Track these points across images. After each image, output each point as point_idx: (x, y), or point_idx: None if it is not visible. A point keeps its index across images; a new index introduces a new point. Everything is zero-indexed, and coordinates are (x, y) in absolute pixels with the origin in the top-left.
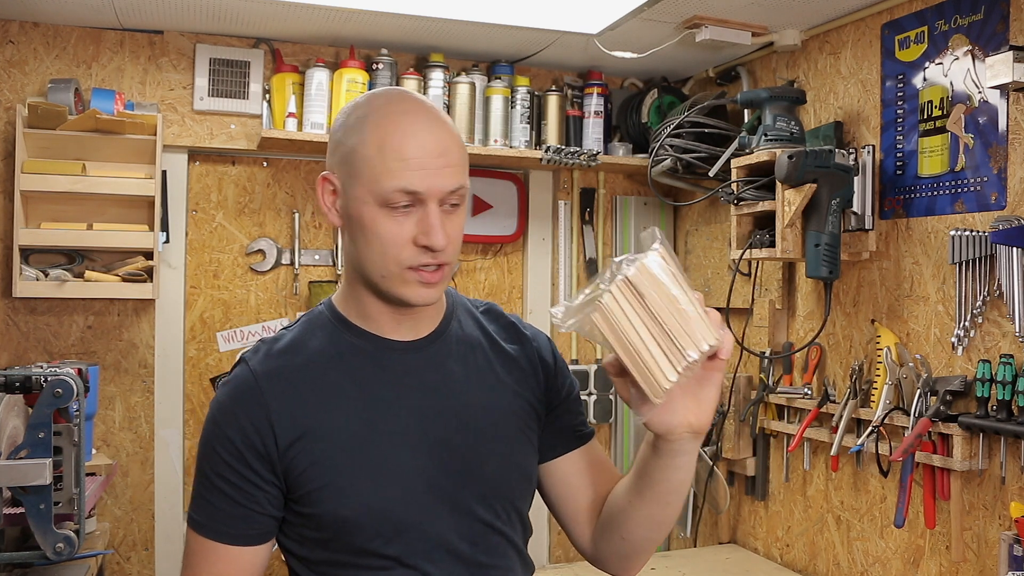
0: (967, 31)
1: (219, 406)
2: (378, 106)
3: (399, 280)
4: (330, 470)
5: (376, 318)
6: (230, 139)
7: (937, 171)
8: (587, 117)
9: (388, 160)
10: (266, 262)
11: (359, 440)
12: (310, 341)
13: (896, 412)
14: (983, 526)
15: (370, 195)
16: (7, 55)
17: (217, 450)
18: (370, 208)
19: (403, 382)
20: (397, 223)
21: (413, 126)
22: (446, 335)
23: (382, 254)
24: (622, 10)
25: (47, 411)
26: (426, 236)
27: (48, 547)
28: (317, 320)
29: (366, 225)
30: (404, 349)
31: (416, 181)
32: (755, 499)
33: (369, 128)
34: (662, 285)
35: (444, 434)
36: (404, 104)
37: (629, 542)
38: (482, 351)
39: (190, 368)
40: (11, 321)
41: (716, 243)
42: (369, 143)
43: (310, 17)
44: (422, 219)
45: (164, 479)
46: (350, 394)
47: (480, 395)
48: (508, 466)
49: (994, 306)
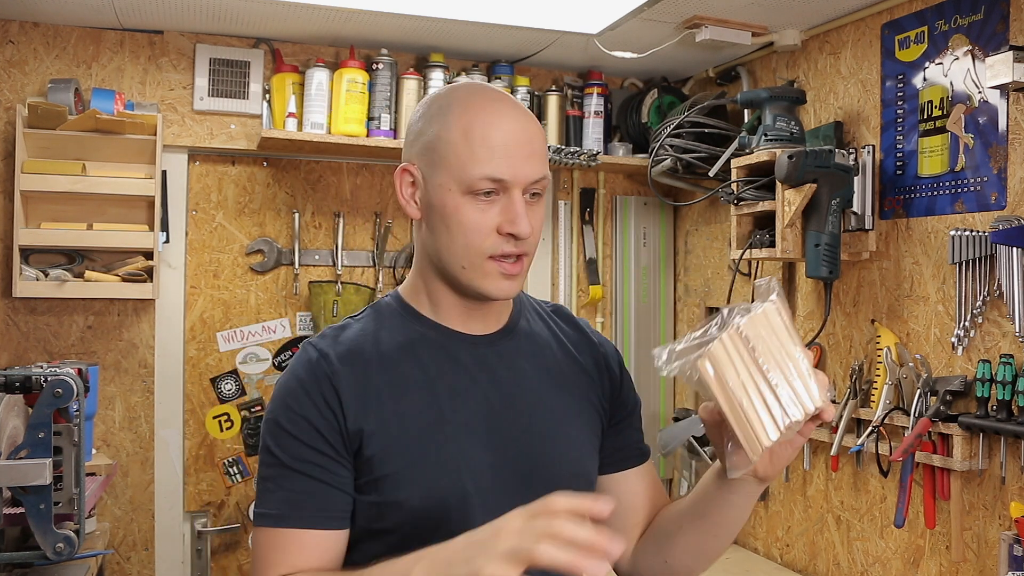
0: (967, 31)
1: (287, 391)
2: (461, 95)
3: (480, 271)
4: (399, 458)
5: (448, 311)
6: (230, 139)
7: (937, 171)
8: (587, 117)
9: (474, 146)
10: (266, 262)
11: (429, 431)
12: (379, 330)
13: (896, 412)
14: (983, 526)
15: (454, 182)
16: (7, 55)
17: (293, 433)
18: (454, 196)
19: (473, 375)
20: (481, 211)
21: (498, 114)
22: (516, 331)
23: (465, 243)
24: (622, 10)
25: (47, 411)
26: (511, 224)
27: (48, 547)
28: (385, 310)
29: (449, 213)
30: (475, 342)
31: (503, 168)
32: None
33: (453, 116)
34: (774, 339)
35: (513, 431)
36: (488, 93)
37: (671, 567)
38: (551, 351)
39: (190, 368)
40: (11, 321)
41: (716, 243)
42: (453, 129)
43: (310, 17)
44: (507, 207)
45: (164, 479)
46: (421, 384)
47: (549, 395)
48: (575, 471)
49: (994, 306)
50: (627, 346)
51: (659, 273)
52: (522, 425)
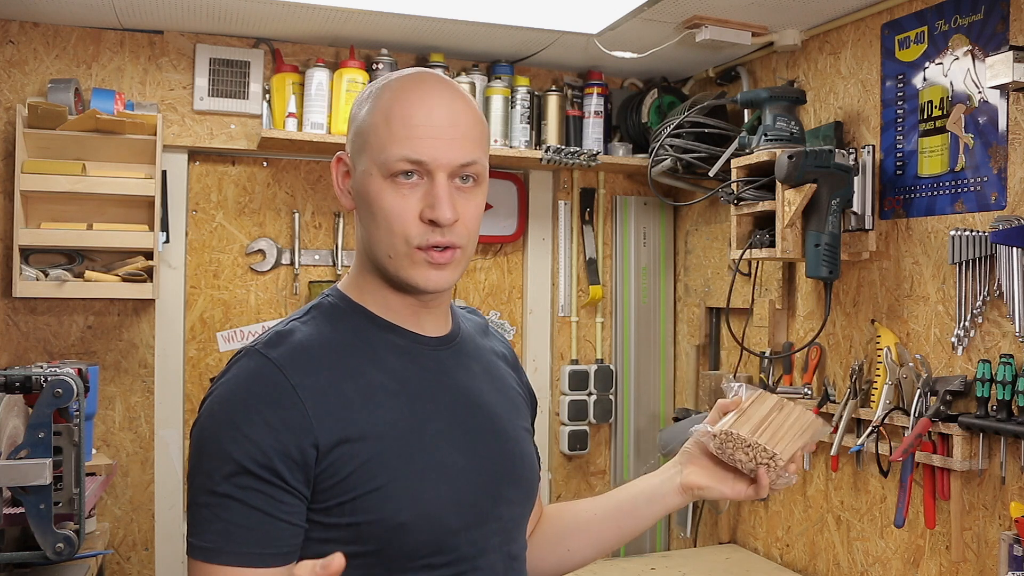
0: (967, 31)
1: (232, 403)
2: (393, 80)
3: (407, 261)
4: (382, 473)
5: (398, 310)
6: (230, 139)
7: (937, 171)
8: (587, 117)
9: (393, 127)
10: (266, 262)
11: (408, 440)
12: (333, 333)
13: (896, 412)
14: (983, 526)
15: (375, 166)
16: (7, 55)
17: (234, 455)
18: (376, 181)
19: (439, 380)
20: (402, 196)
21: (424, 96)
22: (461, 334)
23: (388, 231)
24: (622, 10)
25: (47, 411)
26: (431, 209)
27: (48, 547)
28: (332, 311)
29: (372, 199)
30: (434, 345)
31: (421, 149)
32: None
33: (381, 100)
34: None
35: (479, 434)
36: (420, 76)
37: (572, 555)
38: (486, 353)
39: (190, 368)
40: (11, 321)
41: (716, 243)
42: (377, 112)
43: (310, 17)
44: (428, 192)
45: (164, 479)
46: (391, 391)
47: (495, 396)
48: (532, 466)
49: (994, 306)
50: (627, 346)
51: (659, 273)
52: (487, 427)
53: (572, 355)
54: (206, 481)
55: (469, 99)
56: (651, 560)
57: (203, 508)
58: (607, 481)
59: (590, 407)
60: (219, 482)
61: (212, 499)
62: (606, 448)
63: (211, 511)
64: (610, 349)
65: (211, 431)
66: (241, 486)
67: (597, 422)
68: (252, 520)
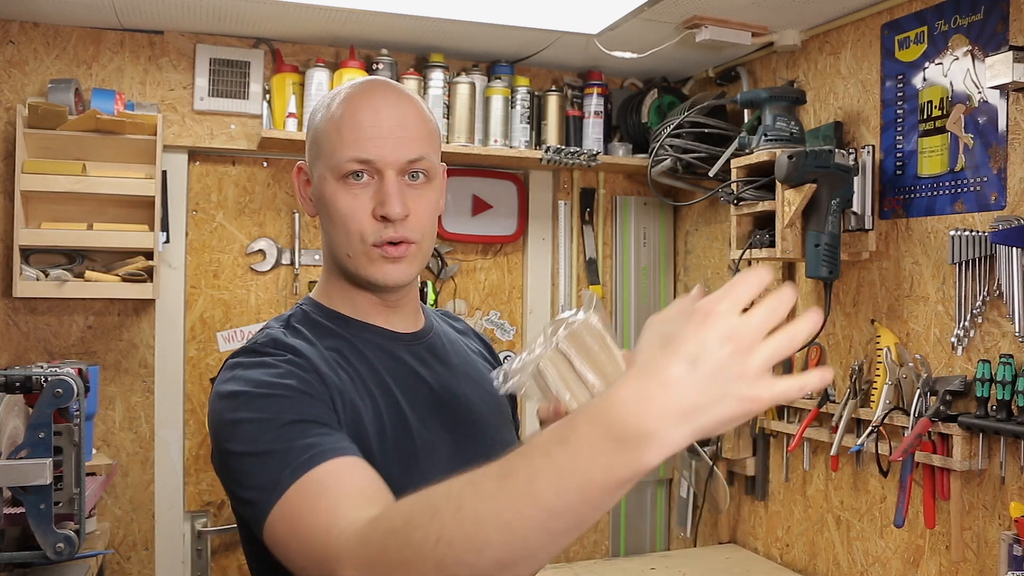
0: (967, 31)
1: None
2: (344, 89)
3: (365, 259)
4: (376, 467)
5: (367, 309)
6: (230, 139)
7: (937, 171)
8: (587, 117)
9: (343, 130)
10: (266, 262)
11: (392, 432)
12: (313, 335)
13: (896, 412)
14: (983, 526)
15: (328, 170)
16: (7, 55)
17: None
18: (330, 183)
19: (418, 372)
20: (354, 196)
21: (371, 100)
22: (435, 329)
23: (345, 230)
24: (622, 10)
25: (47, 411)
26: (381, 205)
27: (48, 547)
28: (305, 320)
29: (327, 202)
30: (408, 340)
31: (369, 149)
32: (755, 499)
33: (331, 108)
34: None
35: (460, 426)
36: (369, 83)
37: None
38: (463, 345)
39: (190, 368)
40: (11, 321)
41: (716, 243)
42: (329, 120)
43: (310, 17)
44: (378, 190)
45: (164, 479)
46: (374, 384)
47: (474, 388)
48: None
49: (994, 306)
50: (627, 346)
51: (659, 273)
52: (470, 418)
53: None
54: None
55: (416, 100)
56: (651, 560)
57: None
58: None
59: None
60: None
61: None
62: None
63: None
64: None
65: (239, 384)
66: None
67: None
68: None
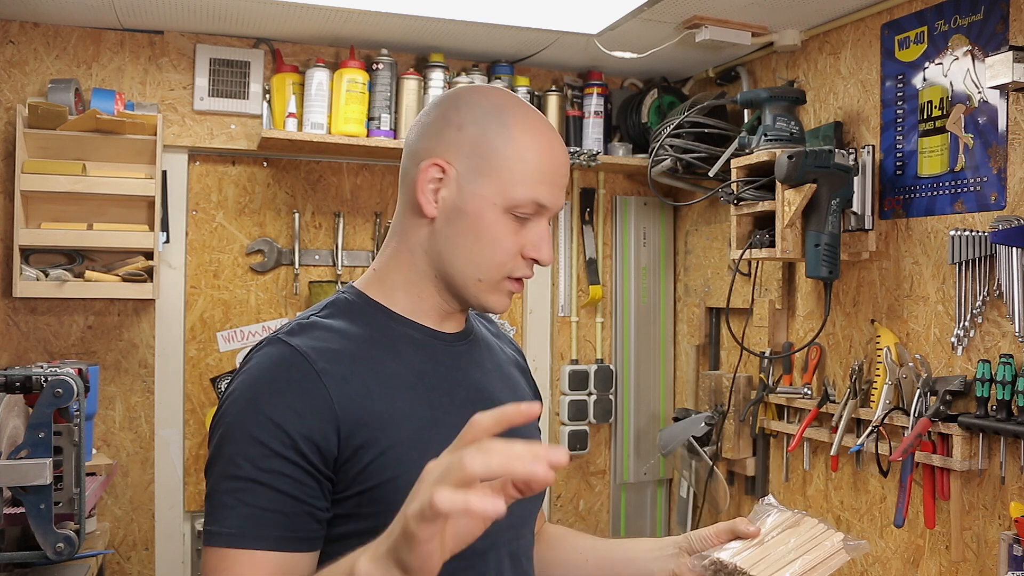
0: (967, 31)
1: (257, 389)
2: (512, 106)
3: (493, 287)
4: (399, 463)
5: (428, 311)
6: (230, 139)
7: (937, 171)
8: (587, 117)
9: (530, 169)
10: (266, 262)
11: (425, 432)
12: (351, 327)
13: (896, 412)
14: (983, 526)
15: (499, 196)
16: (7, 55)
17: (259, 437)
18: (494, 210)
19: (454, 375)
20: (513, 231)
21: (552, 140)
22: (474, 331)
23: (491, 258)
24: (622, 10)
25: (47, 411)
26: (535, 249)
27: (48, 547)
28: (349, 307)
29: (484, 225)
30: (451, 341)
31: (547, 195)
32: (755, 499)
33: (515, 130)
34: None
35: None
36: (539, 114)
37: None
38: (499, 350)
39: (190, 368)
40: (11, 321)
41: (716, 243)
42: (514, 145)
43: (310, 17)
44: (534, 232)
45: (164, 479)
46: (409, 383)
47: (506, 392)
48: None
49: (994, 306)
50: (627, 346)
51: (659, 273)
52: None
53: (572, 355)
54: (229, 467)
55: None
56: None
57: (226, 495)
58: (607, 481)
59: (590, 407)
60: (243, 466)
61: (236, 484)
62: (606, 448)
63: (235, 496)
64: (610, 349)
65: (235, 416)
66: (267, 469)
67: (597, 422)
68: (278, 503)
